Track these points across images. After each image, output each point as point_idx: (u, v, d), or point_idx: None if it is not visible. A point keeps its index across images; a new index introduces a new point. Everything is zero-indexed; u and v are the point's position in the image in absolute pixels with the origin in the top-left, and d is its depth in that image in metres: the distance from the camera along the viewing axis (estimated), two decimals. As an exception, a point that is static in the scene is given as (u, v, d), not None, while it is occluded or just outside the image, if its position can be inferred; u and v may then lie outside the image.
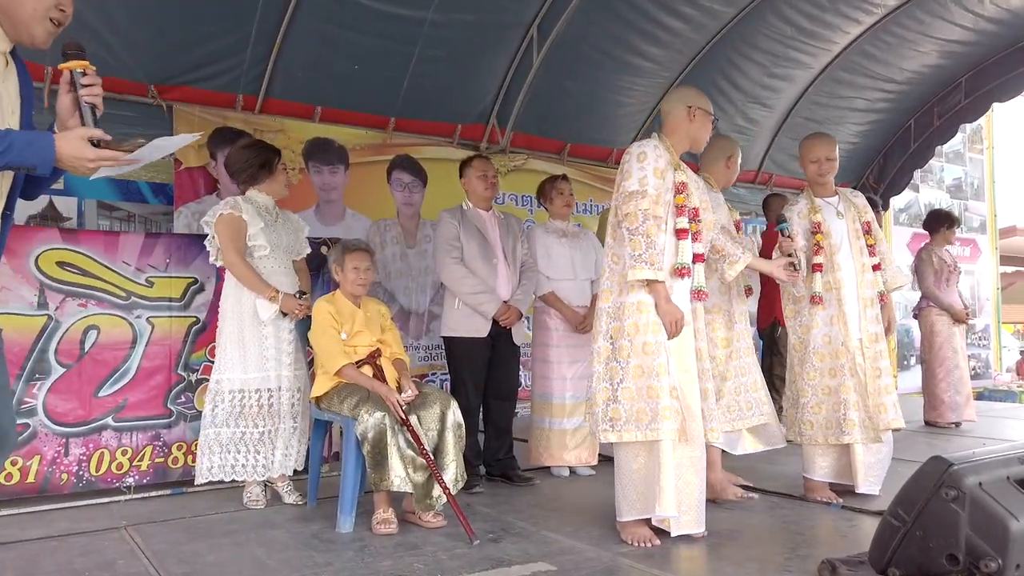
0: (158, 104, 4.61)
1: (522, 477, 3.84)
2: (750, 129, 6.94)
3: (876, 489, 3.41)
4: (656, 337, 2.75)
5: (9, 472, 3.32)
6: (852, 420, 3.32)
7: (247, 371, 3.35)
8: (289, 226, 3.56)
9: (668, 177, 2.84)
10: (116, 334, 3.57)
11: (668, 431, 2.68)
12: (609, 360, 2.82)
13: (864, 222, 3.53)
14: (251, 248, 3.40)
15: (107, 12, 4.20)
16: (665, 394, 2.70)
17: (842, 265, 3.44)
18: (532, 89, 5.57)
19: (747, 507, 3.35)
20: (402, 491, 2.93)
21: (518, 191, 6.22)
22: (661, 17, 5.50)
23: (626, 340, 2.77)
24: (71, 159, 1.69)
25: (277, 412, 3.41)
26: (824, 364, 3.41)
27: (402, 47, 5.04)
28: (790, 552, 2.70)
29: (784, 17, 5.85)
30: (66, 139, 1.69)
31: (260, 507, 3.38)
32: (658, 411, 2.68)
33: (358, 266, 3.23)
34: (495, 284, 3.80)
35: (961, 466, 2.09)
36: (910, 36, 6.37)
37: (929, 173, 9.12)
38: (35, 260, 3.41)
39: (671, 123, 3.01)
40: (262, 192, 3.49)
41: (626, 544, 2.78)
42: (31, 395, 3.38)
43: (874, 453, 3.42)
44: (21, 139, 1.66)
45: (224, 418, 3.33)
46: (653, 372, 2.72)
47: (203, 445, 3.34)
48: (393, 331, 3.38)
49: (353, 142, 5.37)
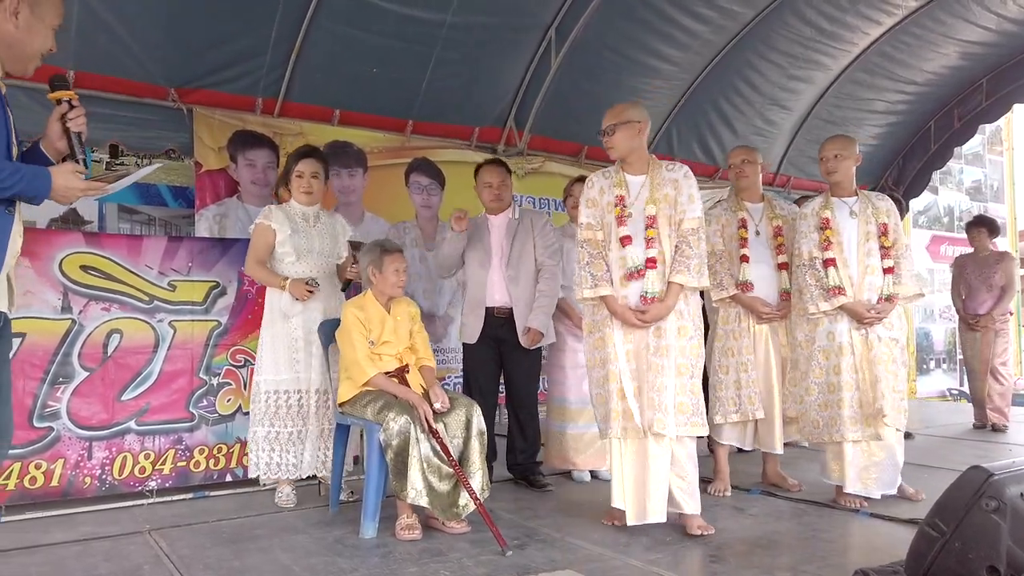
0: (179, 108, 4.62)
1: (540, 483, 3.82)
2: (768, 131, 6.90)
3: (876, 493, 3.37)
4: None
5: (33, 475, 3.33)
6: (844, 418, 3.34)
7: (279, 372, 3.42)
8: (327, 230, 3.58)
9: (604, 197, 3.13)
10: (139, 338, 3.57)
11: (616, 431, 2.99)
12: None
13: (880, 224, 3.48)
14: (280, 255, 3.45)
15: (128, 17, 4.21)
16: (613, 397, 2.99)
17: (848, 263, 3.44)
18: (550, 91, 5.55)
19: (774, 513, 3.31)
20: (417, 504, 2.90)
21: (535, 194, 6.20)
22: (680, 19, 5.48)
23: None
24: (64, 189, 1.97)
25: (307, 413, 3.46)
26: (829, 362, 3.42)
27: (420, 50, 5.03)
28: (821, 561, 2.66)
29: (804, 18, 5.81)
30: (60, 173, 1.97)
31: (291, 507, 3.44)
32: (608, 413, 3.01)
33: (399, 268, 3.22)
34: (485, 289, 3.78)
35: (1002, 476, 2.05)
36: (931, 37, 6.31)
37: (948, 175, 9.05)
38: (59, 264, 3.42)
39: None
40: (294, 199, 3.55)
41: (654, 551, 2.76)
42: (55, 399, 3.39)
43: (868, 455, 3.37)
44: (30, 172, 1.92)
45: (260, 418, 3.42)
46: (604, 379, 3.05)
47: (250, 443, 3.47)
48: (422, 334, 3.36)
49: (371, 145, 5.37)
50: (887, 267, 3.44)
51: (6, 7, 1.95)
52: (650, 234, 3.00)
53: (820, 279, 3.43)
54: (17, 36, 1.97)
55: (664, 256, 3.00)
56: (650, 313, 2.95)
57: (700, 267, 3.01)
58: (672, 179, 3.07)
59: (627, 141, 3.10)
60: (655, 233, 3.00)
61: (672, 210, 3.04)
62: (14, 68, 2.02)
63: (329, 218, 3.65)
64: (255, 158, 4.88)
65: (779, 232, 3.75)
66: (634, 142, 3.11)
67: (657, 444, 2.94)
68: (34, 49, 2.01)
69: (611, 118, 3.14)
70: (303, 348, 3.44)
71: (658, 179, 3.08)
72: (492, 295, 3.79)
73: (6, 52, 1.98)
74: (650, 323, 2.96)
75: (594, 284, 3.02)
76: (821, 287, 3.41)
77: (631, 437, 2.98)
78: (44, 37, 2.03)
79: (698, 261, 3.01)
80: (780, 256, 3.73)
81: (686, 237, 3.01)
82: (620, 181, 3.12)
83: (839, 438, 3.36)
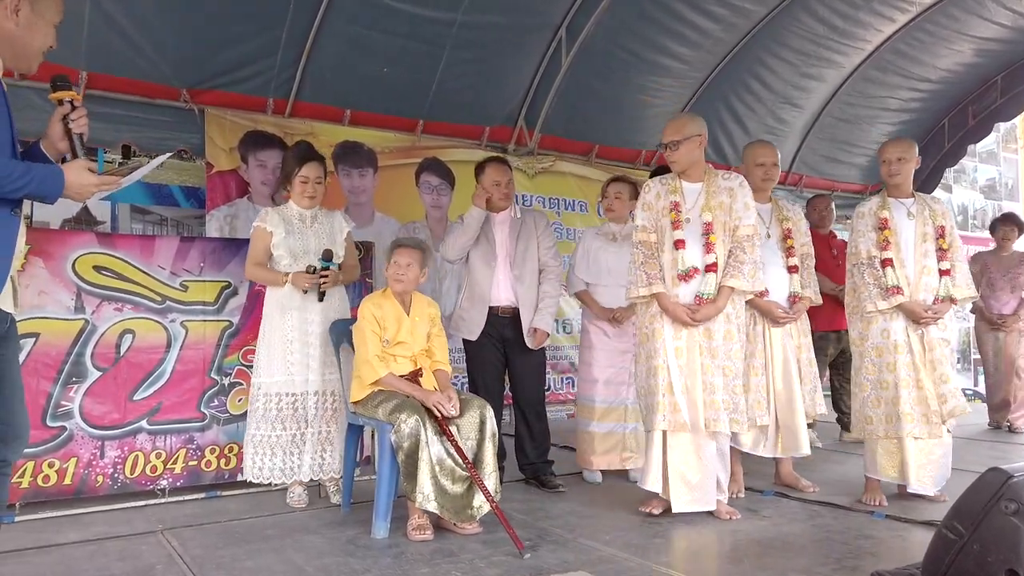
0: (191, 108, 4.64)
1: (552, 483, 3.81)
2: (780, 130, 6.85)
3: (931, 491, 3.39)
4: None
5: (46, 474, 3.34)
6: (902, 415, 3.37)
7: (273, 375, 3.39)
8: (324, 230, 3.54)
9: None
10: (151, 338, 3.58)
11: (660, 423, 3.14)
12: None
13: (938, 226, 3.51)
14: (276, 257, 3.44)
15: (141, 18, 4.24)
16: (660, 391, 3.14)
17: (905, 263, 3.47)
18: (560, 90, 5.54)
19: (787, 515, 3.29)
20: (424, 509, 2.88)
21: (546, 193, 6.19)
22: (691, 17, 5.45)
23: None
24: (78, 186, 1.97)
25: (303, 416, 3.42)
26: (882, 359, 3.46)
27: (431, 49, 5.04)
28: (836, 563, 2.64)
29: (817, 16, 5.78)
30: (72, 169, 1.97)
31: (303, 507, 3.43)
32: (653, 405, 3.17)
33: (399, 260, 3.19)
34: (490, 287, 3.76)
35: (1021, 478, 2.02)
36: (945, 34, 6.26)
37: (962, 173, 8.98)
38: (72, 264, 3.43)
39: None
40: (293, 201, 3.52)
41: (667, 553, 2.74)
42: (68, 398, 3.40)
43: (927, 453, 3.39)
44: (41, 173, 1.91)
45: (257, 420, 3.39)
46: (651, 373, 3.21)
47: (245, 445, 3.45)
48: (440, 337, 3.32)
49: (382, 145, 5.38)
50: (943, 269, 3.47)
51: (7, 5, 1.95)
52: (711, 239, 3.17)
53: (878, 278, 3.46)
54: (18, 34, 1.98)
55: (719, 261, 3.17)
56: (701, 312, 3.13)
57: (754, 272, 3.19)
58: (728, 187, 3.24)
59: (690, 155, 3.24)
60: (714, 239, 3.17)
61: (727, 217, 3.21)
62: (16, 65, 2.03)
63: (327, 217, 3.58)
64: (266, 159, 4.89)
65: (788, 235, 3.72)
66: (695, 155, 3.26)
67: (710, 440, 3.15)
68: (35, 46, 2.02)
69: (673, 133, 3.25)
70: (298, 349, 3.40)
71: (714, 187, 3.24)
72: (498, 294, 3.78)
73: (7, 50, 1.98)
74: (700, 322, 3.14)
75: (648, 282, 3.18)
76: (879, 286, 3.45)
77: (679, 430, 3.13)
78: (45, 34, 2.03)
79: (751, 267, 3.19)
80: (791, 259, 3.71)
81: (741, 243, 3.20)
82: (676, 188, 3.27)
83: (897, 435, 3.38)
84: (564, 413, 6.22)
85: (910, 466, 3.37)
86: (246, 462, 3.42)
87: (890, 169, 3.56)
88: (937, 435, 3.39)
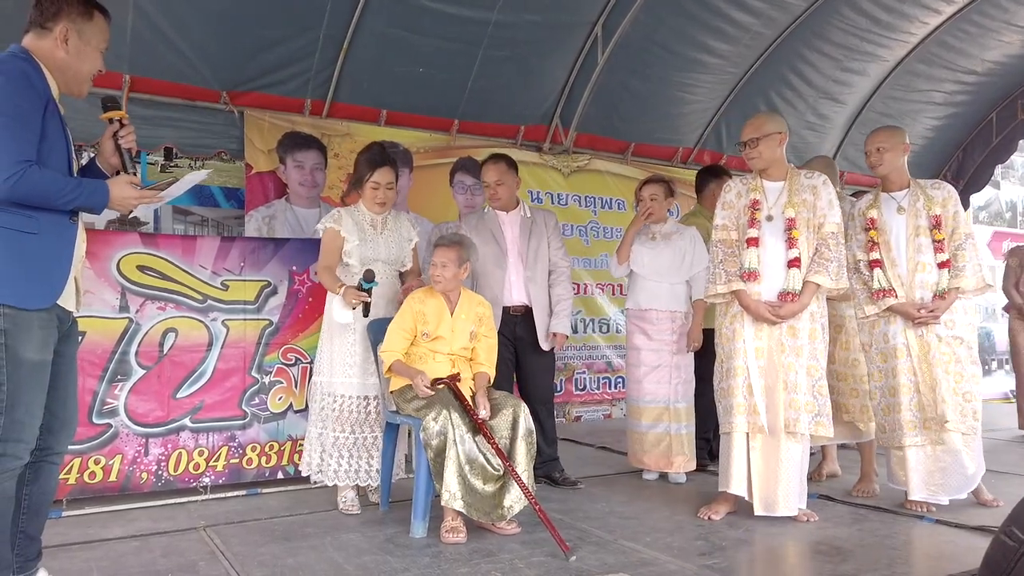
0: (230, 110, 4.70)
1: (568, 480, 3.81)
2: (821, 125, 6.72)
3: (944, 498, 3.26)
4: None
5: (92, 471, 3.41)
6: (902, 423, 3.28)
7: (333, 375, 3.36)
8: (393, 237, 3.46)
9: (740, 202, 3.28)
10: (193, 336, 3.63)
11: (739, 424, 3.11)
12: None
13: (932, 216, 3.32)
14: (347, 264, 3.38)
15: (181, 23, 4.29)
16: (739, 392, 3.12)
17: (897, 262, 3.35)
18: (596, 88, 5.49)
19: (833, 519, 3.20)
20: (450, 507, 2.86)
21: (581, 192, 6.15)
22: (729, 12, 5.36)
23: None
24: (121, 199, 2.18)
25: (365, 420, 3.38)
26: (886, 365, 3.37)
27: (466, 49, 5.03)
28: (886, 568, 2.56)
29: (859, 9, 5.64)
30: (116, 184, 2.18)
31: (355, 512, 3.32)
32: (732, 406, 3.15)
33: (434, 261, 3.18)
34: (503, 289, 3.74)
35: (1085, 483, 1.93)
36: (993, 25, 6.07)
37: (1011, 169, 8.70)
38: (116, 264, 3.49)
39: None
40: (364, 205, 3.44)
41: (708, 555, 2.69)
42: (113, 396, 3.46)
43: (934, 460, 3.26)
44: (90, 187, 2.12)
45: (314, 419, 3.41)
46: (731, 373, 3.18)
47: (306, 440, 3.46)
48: (488, 338, 3.27)
49: (417, 145, 5.39)
50: (941, 261, 3.29)
51: (56, 35, 2.13)
52: (794, 235, 3.13)
53: (866, 282, 3.37)
54: (68, 61, 2.15)
55: (803, 257, 3.12)
56: (784, 309, 3.08)
57: (839, 271, 3.13)
58: (811, 185, 3.21)
59: (770, 152, 3.22)
60: (797, 234, 3.13)
61: (811, 214, 3.17)
62: (69, 91, 2.21)
63: (395, 222, 3.50)
64: (303, 160, 4.94)
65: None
66: (776, 152, 3.24)
67: (793, 442, 3.08)
68: (84, 72, 2.20)
69: (753, 131, 3.24)
70: (360, 352, 3.35)
71: (796, 185, 3.22)
72: (510, 295, 3.77)
73: (60, 76, 2.15)
74: (783, 319, 3.08)
75: (727, 280, 3.18)
76: (867, 290, 3.37)
77: (758, 432, 3.09)
78: (93, 60, 2.21)
79: (836, 264, 3.13)
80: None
81: (826, 240, 3.14)
82: (757, 187, 3.26)
83: (900, 444, 3.28)
84: (600, 413, 6.17)
85: (912, 475, 3.26)
86: (309, 459, 3.37)
87: (871, 160, 3.46)
88: (938, 442, 3.23)
